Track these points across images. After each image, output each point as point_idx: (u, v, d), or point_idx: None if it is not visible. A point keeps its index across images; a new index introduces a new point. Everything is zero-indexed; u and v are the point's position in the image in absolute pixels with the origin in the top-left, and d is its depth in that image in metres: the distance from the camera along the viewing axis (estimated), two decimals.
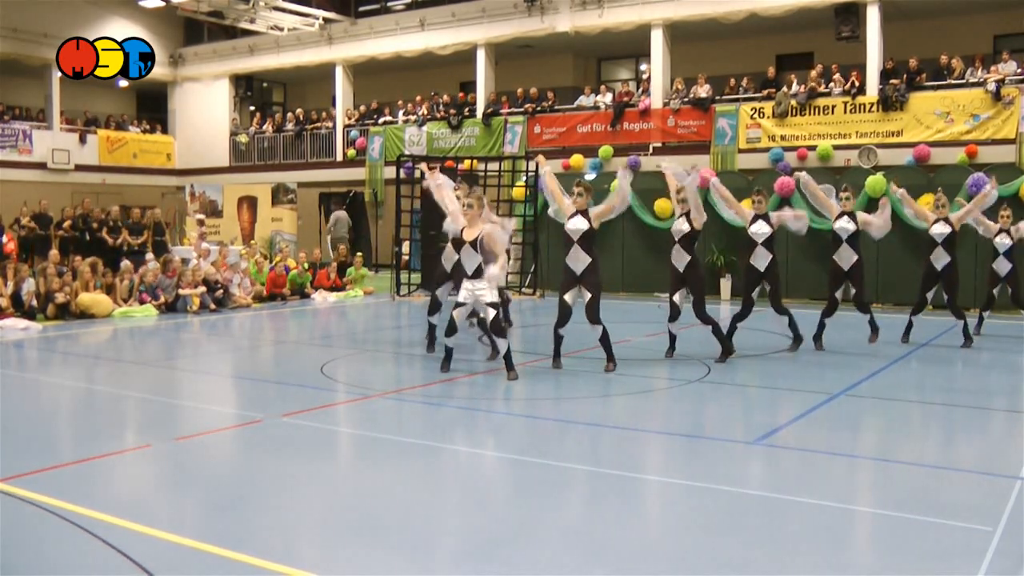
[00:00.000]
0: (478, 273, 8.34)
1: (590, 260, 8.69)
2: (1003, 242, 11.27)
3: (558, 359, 8.98)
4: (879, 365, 9.29)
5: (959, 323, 10.70)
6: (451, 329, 8.49)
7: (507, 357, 8.39)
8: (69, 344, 11.31)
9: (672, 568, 4.05)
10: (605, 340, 8.80)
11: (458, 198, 8.78)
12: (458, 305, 8.49)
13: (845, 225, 10.00)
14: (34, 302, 12.97)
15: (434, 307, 9.89)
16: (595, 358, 9.24)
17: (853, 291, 10.07)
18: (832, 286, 10.15)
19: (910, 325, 10.85)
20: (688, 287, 9.31)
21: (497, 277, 8.32)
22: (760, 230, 9.76)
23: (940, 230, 10.61)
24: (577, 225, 8.73)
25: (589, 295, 8.65)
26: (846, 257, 9.98)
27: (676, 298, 9.36)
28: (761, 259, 9.70)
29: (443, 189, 8.88)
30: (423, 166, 9.41)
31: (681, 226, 9.27)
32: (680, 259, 9.28)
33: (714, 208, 16.54)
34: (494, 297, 8.37)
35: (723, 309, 14.48)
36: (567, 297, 8.79)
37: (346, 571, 4.00)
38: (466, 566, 4.06)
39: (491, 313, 8.34)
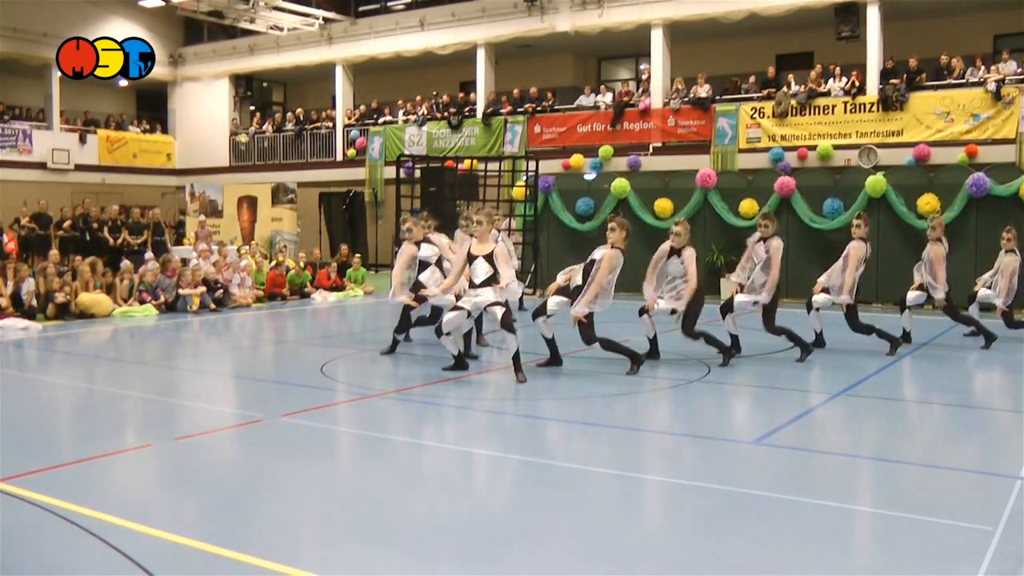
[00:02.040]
0: (488, 283, 8.42)
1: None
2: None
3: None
4: (879, 365, 9.29)
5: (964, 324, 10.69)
6: (439, 331, 8.58)
7: (515, 358, 8.34)
8: (69, 344, 11.31)
9: (672, 568, 4.05)
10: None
11: (409, 229, 9.62)
12: (455, 308, 8.48)
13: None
14: (34, 302, 12.98)
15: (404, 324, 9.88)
16: (595, 358, 9.24)
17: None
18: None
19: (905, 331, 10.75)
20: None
21: (516, 292, 8.51)
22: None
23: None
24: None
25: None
26: None
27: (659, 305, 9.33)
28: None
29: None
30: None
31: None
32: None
33: (715, 208, 16.58)
34: (496, 297, 8.39)
35: None
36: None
37: (346, 571, 4.00)
38: (466, 566, 4.06)
39: (499, 311, 8.31)
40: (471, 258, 8.56)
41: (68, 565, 4.05)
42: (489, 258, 8.45)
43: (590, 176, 19.03)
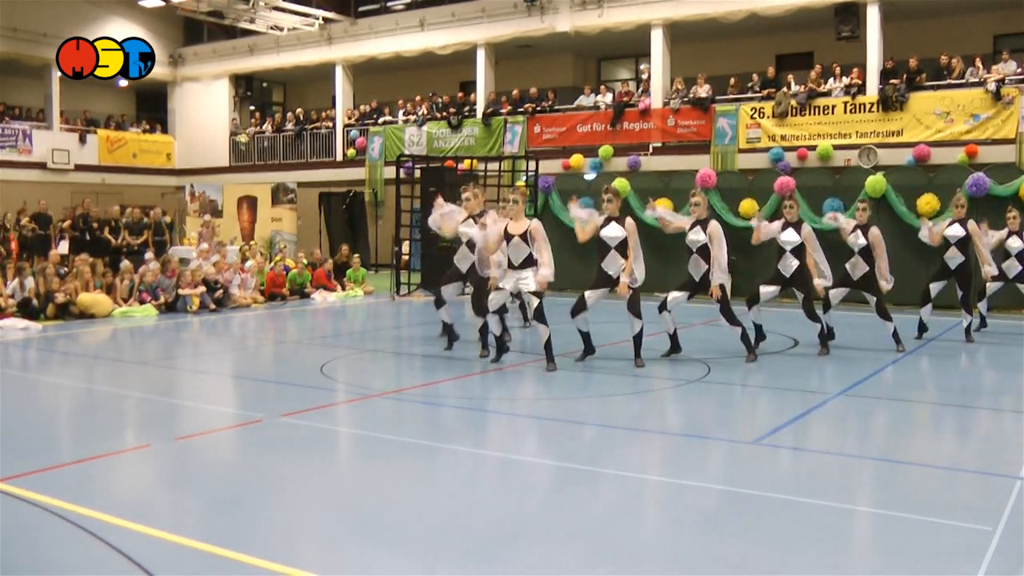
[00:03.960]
0: (526, 264, 8.67)
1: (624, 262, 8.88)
2: (1015, 245, 11.19)
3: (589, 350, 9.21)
4: (879, 364, 9.29)
5: (964, 320, 10.82)
6: (483, 311, 9.01)
7: (547, 347, 8.66)
8: (69, 344, 11.31)
9: (672, 568, 4.05)
10: (638, 337, 8.96)
11: (467, 199, 9.56)
12: (498, 290, 8.81)
13: (858, 240, 9.96)
14: (34, 302, 12.97)
15: (439, 302, 9.98)
16: (593, 357, 9.24)
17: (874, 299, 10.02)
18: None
19: (922, 322, 11.03)
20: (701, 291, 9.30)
21: (548, 276, 8.60)
22: (790, 238, 9.72)
23: (955, 232, 10.65)
24: (614, 233, 8.90)
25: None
26: (861, 266, 9.96)
27: (673, 295, 9.36)
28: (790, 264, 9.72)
29: (450, 219, 9.65)
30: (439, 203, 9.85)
31: (697, 236, 9.16)
32: (697, 268, 9.23)
33: (715, 208, 16.55)
34: (535, 285, 8.63)
35: None
36: (589, 295, 8.95)
37: (346, 571, 4.00)
38: (466, 566, 4.06)
39: (535, 301, 8.64)
40: (507, 237, 8.74)
41: (68, 565, 4.05)
42: (525, 237, 8.65)
43: (590, 176, 19.03)
